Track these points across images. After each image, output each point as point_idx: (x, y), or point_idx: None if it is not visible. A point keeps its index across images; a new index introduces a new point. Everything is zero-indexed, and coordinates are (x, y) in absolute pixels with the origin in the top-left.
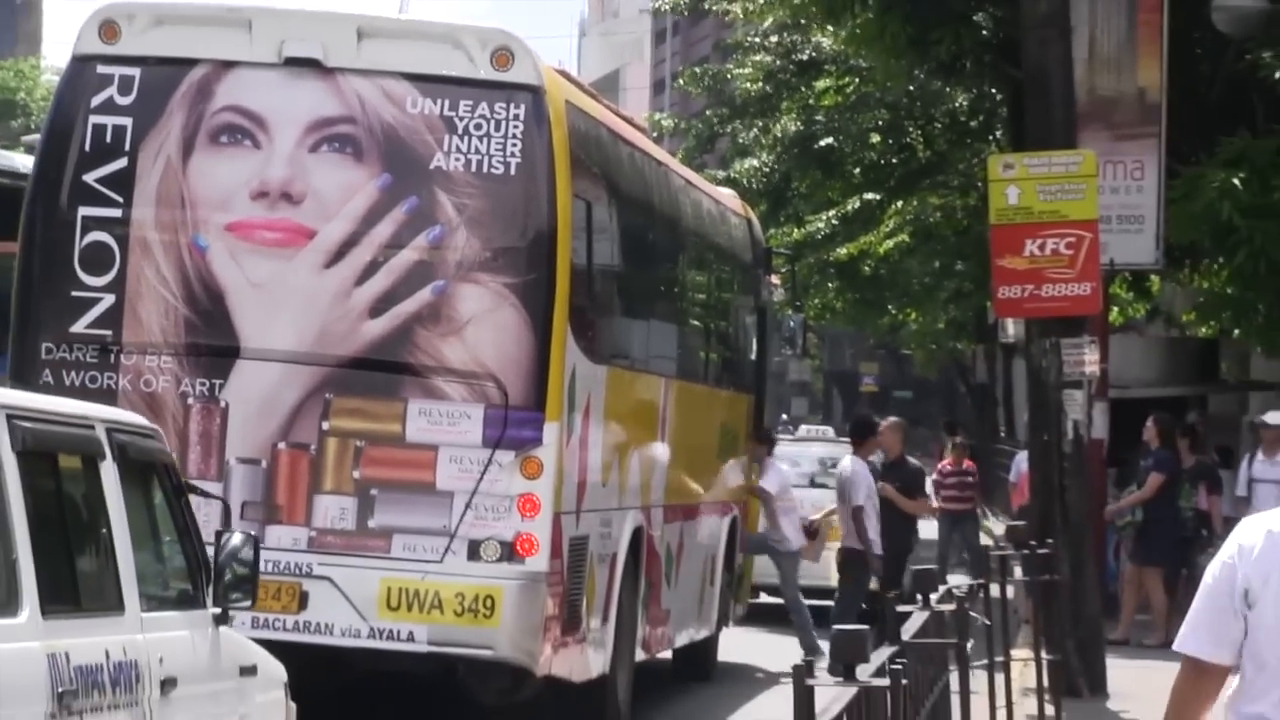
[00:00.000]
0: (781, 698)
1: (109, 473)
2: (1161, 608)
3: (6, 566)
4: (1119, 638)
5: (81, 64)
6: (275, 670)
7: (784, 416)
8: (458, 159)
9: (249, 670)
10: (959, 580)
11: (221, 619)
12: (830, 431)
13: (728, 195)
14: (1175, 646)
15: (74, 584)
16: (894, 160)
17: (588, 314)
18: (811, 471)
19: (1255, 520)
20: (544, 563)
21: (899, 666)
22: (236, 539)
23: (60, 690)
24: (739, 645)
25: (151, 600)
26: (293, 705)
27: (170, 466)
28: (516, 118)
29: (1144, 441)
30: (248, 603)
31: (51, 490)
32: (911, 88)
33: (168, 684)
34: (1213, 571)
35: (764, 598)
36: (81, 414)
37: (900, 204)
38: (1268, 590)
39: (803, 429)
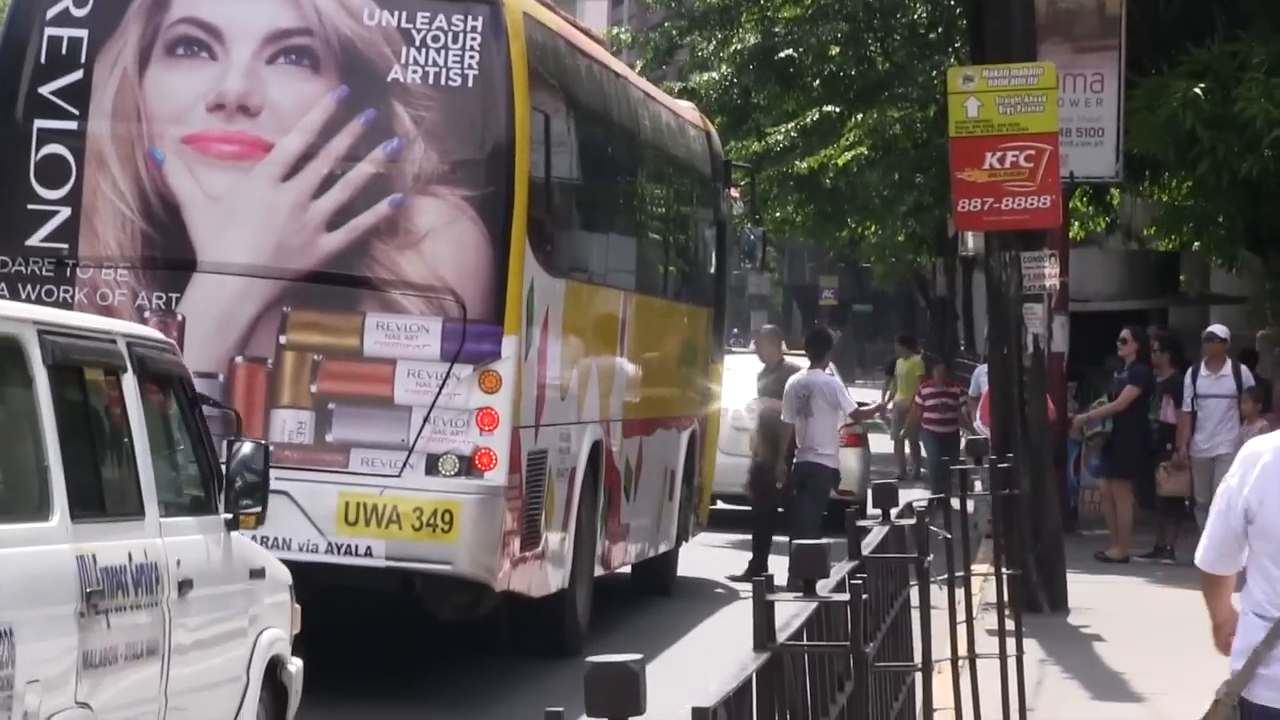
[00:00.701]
0: (741, 613)
1: (130, 385)
2: (1127, 521)
3: (39, 474)
4: (1117, 556)
5: None
6: (281, 573)
7: (734, 331)
8: (415, 71)
9: (258, 573)
10: (919, 495)
11: (232, 524)
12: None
13: (686, 108)
14: (1196, 561)
15: (99, 490)
16: (853, 73)
17: (546, 227)
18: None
19: (1259, 442)
20: (502, 477)
21: (859, 581)
22: (247, 448)
23: (88, 590)
24: (699, 559)
25: (169, 506)
26: (297, 607)
27: (185, 379)
28: (474, 30)
29: (1118, 355)
30: (258, 508)
31: (79, 401)
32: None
33: (184, 585)
34: (1220, 492)
35: (721, 505)
36: (105, 329)
37: (860, 117)
38: (1264, 509)
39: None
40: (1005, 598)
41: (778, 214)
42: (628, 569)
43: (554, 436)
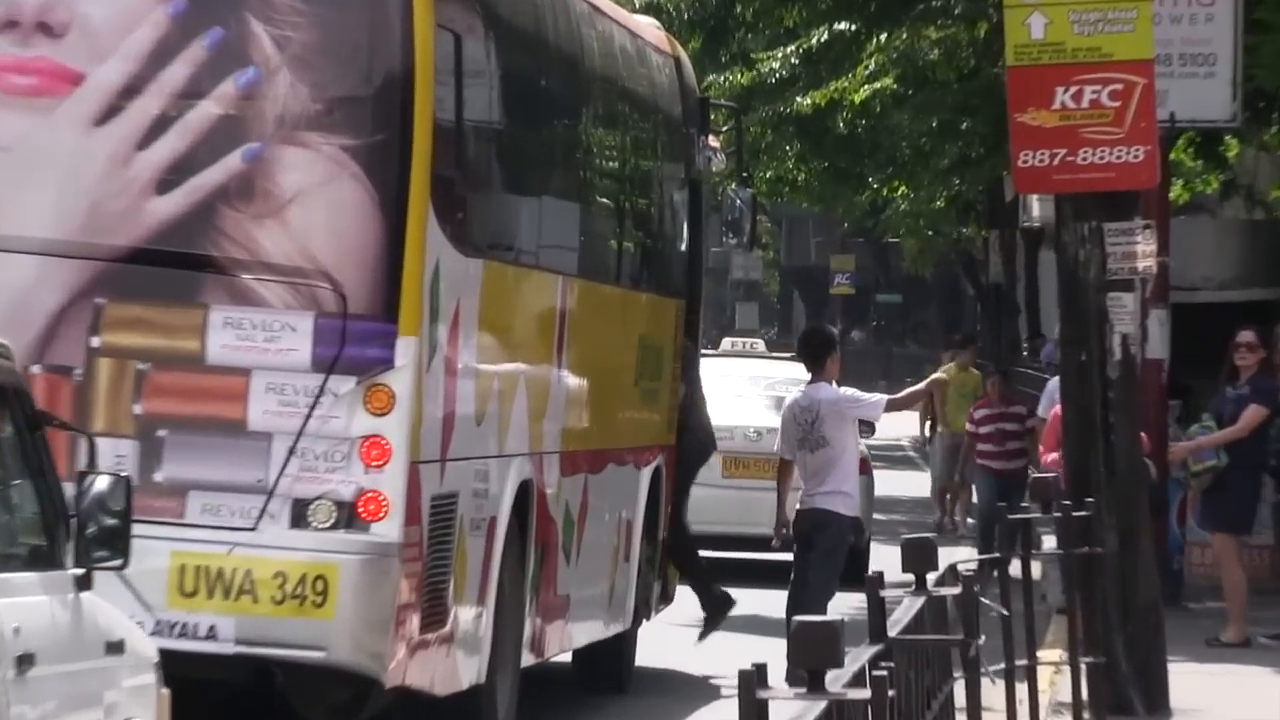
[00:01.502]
0: (724, 716)
1: None
2: (1239, 590)
3: None
4: (1234, 639)
5: None
6: (146, 648)
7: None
8: None
9: (116, 647)
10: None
11: (84, 582)
12: (761, 345)
13: (648, 27)
14: None
15: None
16: None
17: (457, 189)
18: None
19: None
20: (396, 530)
21: (884, 673)
22: (103, 482)
23: None
24: (667, 641)
25: (2, 559)
26: (165, 691)
27: (21, 391)
28: None
29: (1236, 363)
30: (118, 561)
31: None
32: None
33: (24, 661)
34: None
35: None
36: None
37: (884, 38)
38: None
39: (726, 342)
40: (1084, 695)
41: (772, 171)
42: (568, 656)
43: (467, 475)
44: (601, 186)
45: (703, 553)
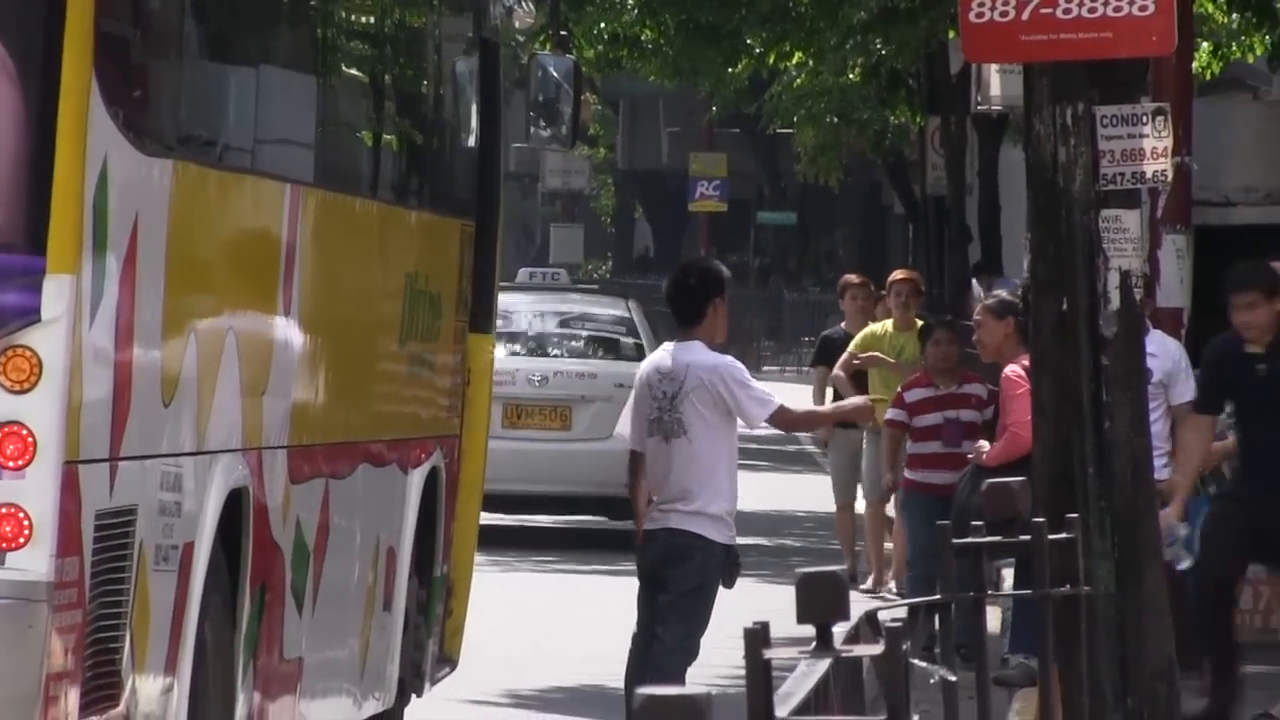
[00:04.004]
0: None
1: None
2: None
3: None
4: None
5: None
6: None
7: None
8: None
9: None
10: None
11: None
12: (564, 275)
13: None
14: None
15: None
16: None
17: (134, 54)
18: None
19: None
20: (43, 563)
21: None
22: None
23: None
24: None
25: None
26: None
27: None
28: None
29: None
30: None
31: None
32: None
33: None
34: None
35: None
36: None
37: None
38: None
39: (523, 273)
40: None
41: (604, 26)
42: None
43: (150, 482)
44: (348, 51)
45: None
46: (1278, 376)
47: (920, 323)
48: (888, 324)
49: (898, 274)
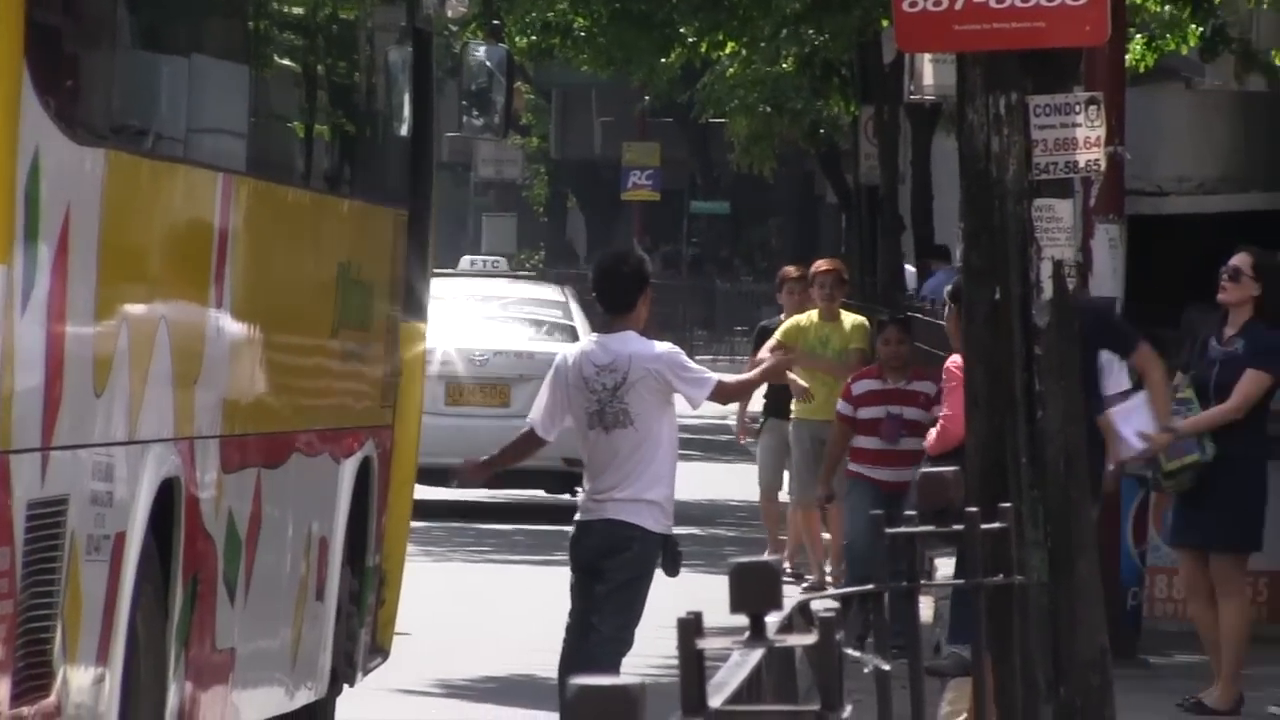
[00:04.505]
0: None
1: None
2: (1237, 634)
3: None
4: (1220, 705)
5: None
6: None
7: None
8: None
9: None
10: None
11: None
12: (503, 263)
13: None
14: None
15: None
16: None
17: (64, 47)
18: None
19: None
20: None
21: None
22: None
23: None
24: (381, 713)
25: None
26: None
27: None
28: None
29: (1223, 301)
30: None
31: None
32: None
33: None
34: None
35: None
36: None
37: None
38: None
39: (464, 261)
40: None
41: (537, 15)
42: None
43: (81, 471)
44: (281, 41)
45: (424, 489)
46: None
47: (844, 312)
48: (813, 315)
49: (821, 264)
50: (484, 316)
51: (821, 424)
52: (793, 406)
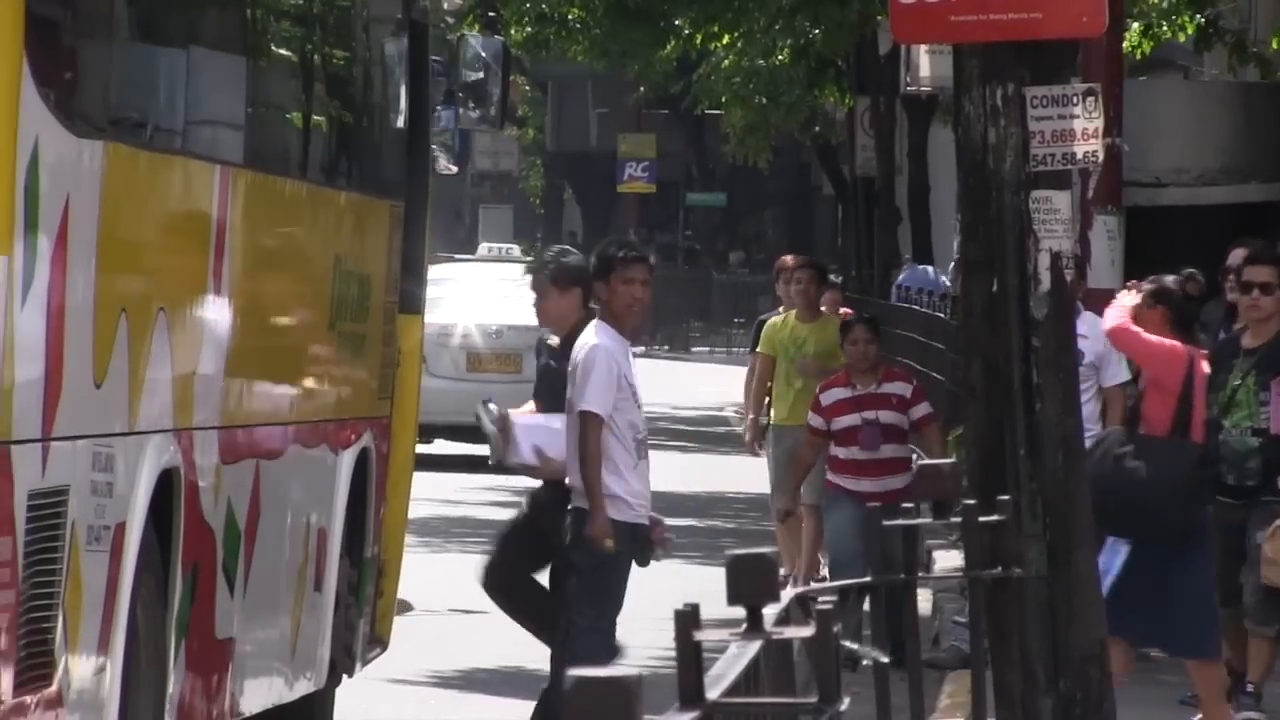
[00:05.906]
0: None
1: None
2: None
3: None
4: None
5: None
6: None
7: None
8: None
9: None
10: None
11: None
12: (517, 250)
13: None
14: None
15: None
16: None
17: (63, 39)
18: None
19: None
20: None
21: None
22: None
23: None
24: (381, 704)
25: None
26: None
27: None
28: None
29: (1224, 296)
30: None
31: None
32: None
33: None
34: None
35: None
36: None
37: None
38: None
39: (483, 248)
40: None
41: (529, 5)
42: None
43: (82, 462)
44: (278, 34)
45: (448, 445)
46: None
47: (825, 312)
48: (790, 315)
49: (788, 260)
50: (500, 295)
51: (803, 430)
52: (771, 412)
